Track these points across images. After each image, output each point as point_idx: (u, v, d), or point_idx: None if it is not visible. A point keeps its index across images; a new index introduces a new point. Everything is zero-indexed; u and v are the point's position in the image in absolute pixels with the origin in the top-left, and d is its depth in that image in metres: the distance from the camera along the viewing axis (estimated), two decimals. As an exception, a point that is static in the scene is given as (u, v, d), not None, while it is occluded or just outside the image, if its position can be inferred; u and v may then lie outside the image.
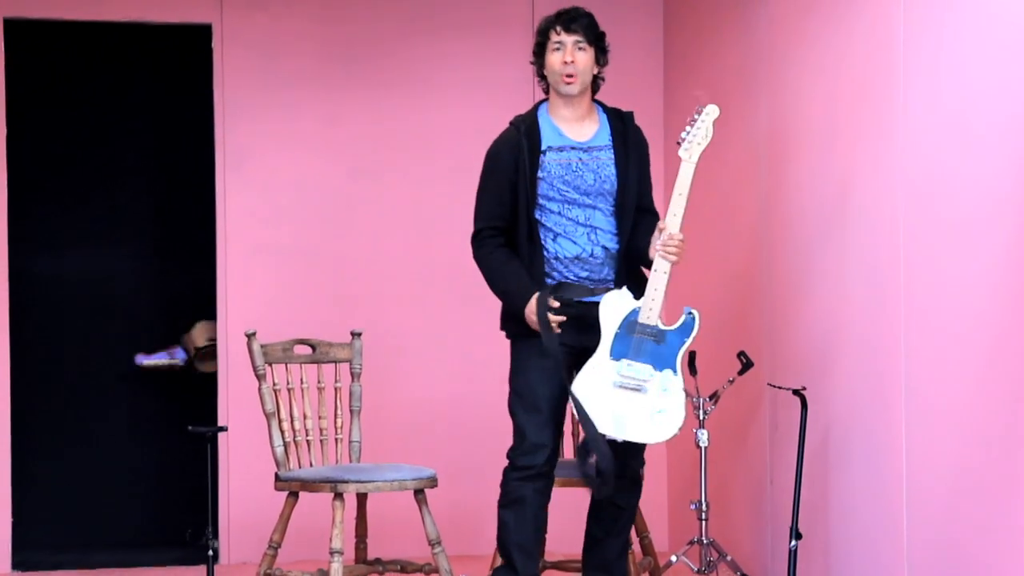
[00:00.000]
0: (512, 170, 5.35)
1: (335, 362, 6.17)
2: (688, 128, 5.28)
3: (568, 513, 5.94)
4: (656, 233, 5.22)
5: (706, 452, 6.16)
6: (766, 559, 6.35)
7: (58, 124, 7.43)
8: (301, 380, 6.05)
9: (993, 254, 4.74)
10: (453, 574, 5.84)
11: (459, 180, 7.23)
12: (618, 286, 5.33)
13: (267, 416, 5.91)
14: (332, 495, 5.70)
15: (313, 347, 6.12)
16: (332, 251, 7.34)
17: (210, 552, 5.60)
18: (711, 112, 5.30)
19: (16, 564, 7.00)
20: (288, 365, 6.03)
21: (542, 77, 5.46)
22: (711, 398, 6.14)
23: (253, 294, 7.23)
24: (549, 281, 5.33)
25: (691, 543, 6.22)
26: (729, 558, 6.21)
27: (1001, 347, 4.69)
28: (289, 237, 7.30)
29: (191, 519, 7.13)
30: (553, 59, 5.37)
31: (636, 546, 5.86)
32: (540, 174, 5.36)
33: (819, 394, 5.81)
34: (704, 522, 6.18)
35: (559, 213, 5.37)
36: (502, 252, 5.37)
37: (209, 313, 7.27)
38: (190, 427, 5.77)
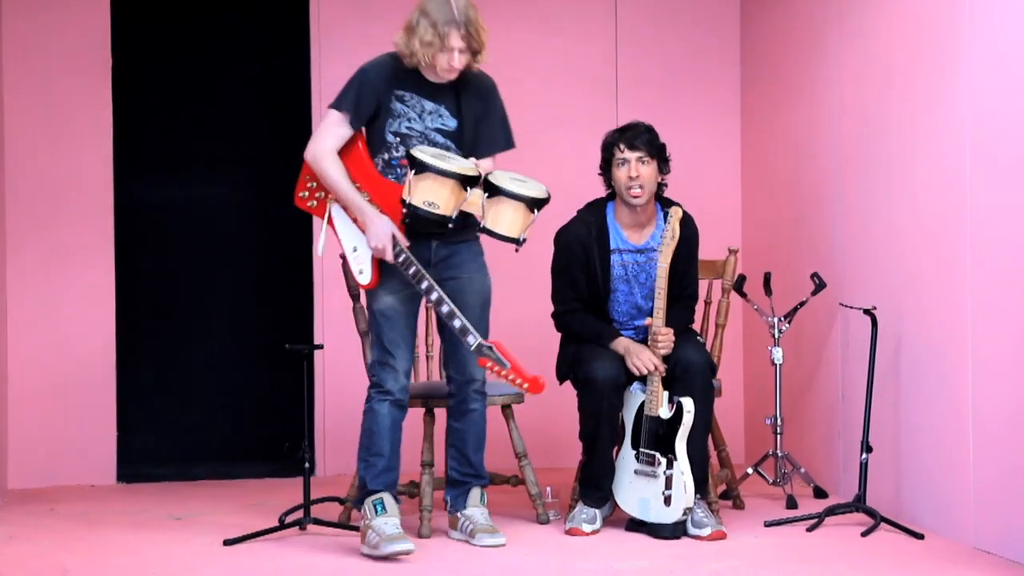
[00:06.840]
0: (582, 263, 5.72)
1: (426, 284, 6.26)
2: (662, 237, 5.61)
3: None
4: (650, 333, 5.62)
5: (781, 369, 6.26)
6: (838, 471, 6.39)
7: (166, 67, 7.33)
8: (393, 301, 6.10)
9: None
10: (538, 485, 5.95)
11: (538, 111, 7.33)
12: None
13: (361, 335, 5.98)
14: (423, 411, 5.81)
15: (405, 270, 6.21)
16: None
17: (306, 464, 5.68)
18: (674, 214, 5.62)
19: (120, 476, 7.12)
20: (381, 287, 6.08)
21: (610, 186, 5.77)
22: (786, 317, 6.21)
23: (347, 220, 7.30)
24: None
25: (766, 456, 6.34)
26: (803, 470, 6.31)
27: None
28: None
29: (288, 433, 7.06)
30: (619, 174, 5.71)
31: (714, 458, 5.96)
32: (612, 272, 5.75)
33: (889, 314, 5.85)
34: (779, 436, 6.29)
35: (623, 302, 5.78)
36: (581, 314, 5.77)
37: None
38: (287, 345, 5.78)
